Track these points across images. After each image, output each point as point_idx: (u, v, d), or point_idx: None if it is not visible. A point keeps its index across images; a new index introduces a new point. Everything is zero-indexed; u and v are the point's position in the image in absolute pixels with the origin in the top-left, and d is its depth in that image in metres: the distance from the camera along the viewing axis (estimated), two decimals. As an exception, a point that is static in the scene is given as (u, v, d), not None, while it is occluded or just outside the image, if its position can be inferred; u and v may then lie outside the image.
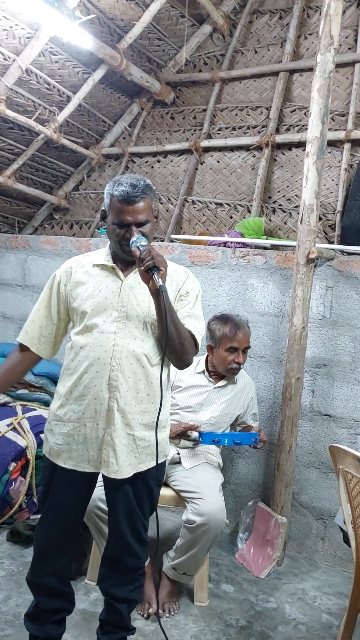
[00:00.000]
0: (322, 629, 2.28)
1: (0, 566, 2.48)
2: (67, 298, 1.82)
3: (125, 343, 1.72)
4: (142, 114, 4.01)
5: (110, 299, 1.74)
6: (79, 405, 1.73)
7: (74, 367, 1.75)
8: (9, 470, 2.76)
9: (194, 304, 1.84)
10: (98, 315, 1.73)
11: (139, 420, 1.74)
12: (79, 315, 1.77)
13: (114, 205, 1.70)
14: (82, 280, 1.80)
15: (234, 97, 3.77)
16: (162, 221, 3.83)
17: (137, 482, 1.78)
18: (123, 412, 1.72)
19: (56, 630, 1.94)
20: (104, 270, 1.80)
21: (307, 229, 2.61)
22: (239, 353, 2.51)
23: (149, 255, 1.60)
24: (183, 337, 1.74)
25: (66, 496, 1.81)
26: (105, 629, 1.95)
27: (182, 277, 1.84)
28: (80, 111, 3.67)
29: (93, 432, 1.73)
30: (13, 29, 2.90)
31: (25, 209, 4.18)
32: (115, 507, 1.82)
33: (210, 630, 2.20)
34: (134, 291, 1.76)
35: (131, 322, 1.73)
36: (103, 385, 1.71)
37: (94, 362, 1.71)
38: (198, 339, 1.81)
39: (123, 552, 1.85)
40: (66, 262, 1.89)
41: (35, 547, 1.90)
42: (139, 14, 3.24)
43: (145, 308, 1.75)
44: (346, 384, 2.78)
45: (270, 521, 2.74)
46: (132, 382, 1.73)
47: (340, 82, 3.33)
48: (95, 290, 1.76)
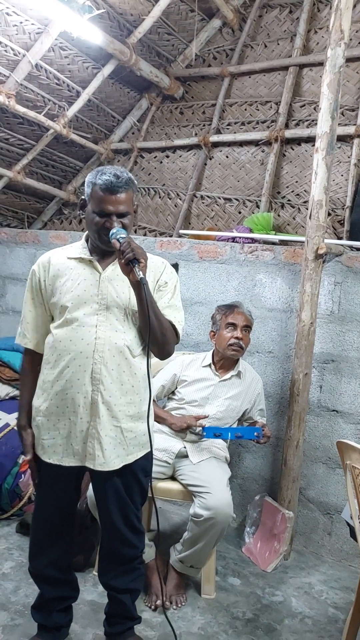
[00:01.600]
0: (328, 622, 2.30)
1: (9, 557, 2.52)
2: (47, 292, 1.81)
3: (107, 335, 1.71)
4: (151, 109, 4.01)
5: (90, 291, 1.74)
6: (61, 399, 1.74)
7: (54, 360, 1.75)
8: (18, 462, 2.79)
9: (173, 294, 1.85)
10: (78, 309, 1.73)
11: (125, 412, 1.75)
12: (58, 309, 1.77)
13: (96, 194, 1.69)
14: (60, 274, 1.79)
15: (243, 91, 3.76)
16: (170, 216, 3.84)
17: (126, 474, 1.79)
18: (108, 404, 1.72)
19: (63, 619, 1.97)
20: (82, 263, 1.79)
21: (316, 224, 2.61)
22: (238, 330, 2.54)
23: (129, 248, 1.60)
24: (164, 328, 1.75)
25: (55, 490, 1.83)
26: (111, 621, 1.97)
27: (159, 268, 1.84)
28: (89, 106, 3.67)
29: (77, 425, 1.73)
30: (23, 24, 2.91)
31: (34, 204, 4.20)
32: (105, 500, 1.83)
33: (217, 623, 2.22)
34: (112, 283, 1.75)
35: (112, 314, 1.73)
36: (86, 379, 1.71)
37: (76, 355, 1.71)
38: (179, 329, 1.82)
39: (119, 544, 1.87)
40: (42, 256, 1.88)
41: (30, 539, 1.94)
42: (149, 9, 3.24)
43: (125, 299, 1.75)
44: (354, 380, 2.78)
45: (277, 515, 2.75)
46: (116, 375, 1.73)
47: (350, 77, 3.30)
48: (74, 284, 1.75)
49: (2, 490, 2.77)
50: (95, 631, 2.08)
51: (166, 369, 2.69)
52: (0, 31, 2.90)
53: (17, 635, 2.01)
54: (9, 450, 2.82)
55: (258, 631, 2.20)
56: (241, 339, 2.54)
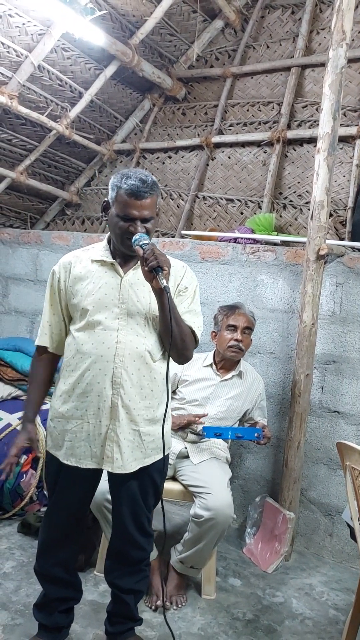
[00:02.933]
0: (328, 624, 2.29)
1: (11, 557, 2.52)
2: (67, 294, 1.81)
3: (128, 340, 1.72)
4: (154, 110, 4.02)
5: (111, 295, 1.74)
6: (81, 402, 1.74)
7: (76, 364, 1.75)
8: (20, 462, 2.80)
9: (193, 299, 1.84)
10: (99, 312, 1.73)
11: (144, 416, 1.76)
12: (79, 311, 1.76)
13: (121, 198, 1.68)
14: (81, 276, 1.78)
15: (246, 92, 3.76)
16: (172, 217, 3.84)
17: (142, 476, 1.80)
18: (127, 408, 1.73)
19: (64, 619, 1.97)
20: (103, 266, 1.78)
21: (318, 225, 2.61)
22: (239, 332, 2.54)
23: (153, 255, 1.59)
24: (184, 334, 1.75)
25: (71, 492, 1.83)
26: (113, 620, 1.98)
27: (180, 272, 1.83)
28: (91, 107, 3.68)
29: (96, 428, 1.73)
30: (25, 25, 2.92)
31: (37, 205, 4.21)
32: (119, 502, 1.84)
33: (217, 623, 2.22)
34: (133, 287, 1.75)
35: (133, 318, 1.73)
36: (106, 383, 1.71)
37: (97, 359, 1.71)
38: (198, 335, 1.82)
39: (128, 545, 1.88)
40: (64, 257, 1.87)
41: (40, 539, 1.94)
42: (151, 10, 3.24)
43: (145, 304, 1.75)
44: (355, 381, 2.78)
45: (278, 516, 2.75)
46: (136, 379, 1.73)
47: (352, 78, 3.30)
48: (95, 287, 1.75)
49: (4, 490, 2.78)
50: (96, 631, 2.08)
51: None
52: (3, 32, 2.91)
53: (17, 635, 2.02)
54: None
55: (258, 632, 2.20)
56: (241, 341, 2.55)
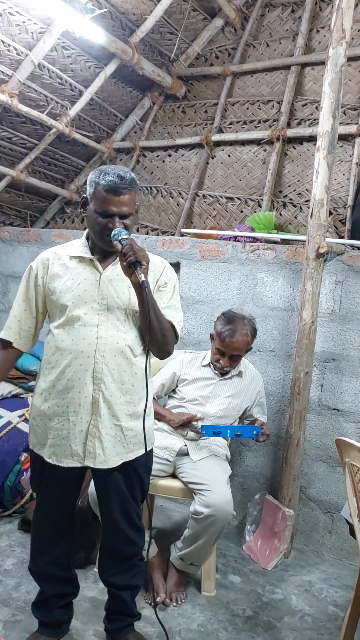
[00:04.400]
0: (327, 620, 2.30)
1: (11, 554, 2.53)
2: (45, 291, 1.80)
3: (109, 335, 1.72)
4: (154, 108, 4.02)
5: (90, 291, 1.74)
6: (62, 399, 1.74)
7: (56, 360, 1.75)
8: (20, 460, 2.81)
9: (172, 295, 1.85)
10: (79, 308, 1.73)
11: (125, 411, 1.76)
12: (58, 308, 1.76)
13: (99, 194, 1.68)
14: (60, 273, 1.78)
15: (246, 90, 3.76)
16: (172, 215, 3.85)
17: (127, 471, 1.80)
18: (109, 403, 1.73)
19: (64, 615, 1.99)
20: (82, 262, 1.79)
21: (317, 223, 2.61)
22: (226, 358, 2.52)
23: (131, 250, 1.59)
24: (165, 329, 1.76)
25: (55, 490, 1.84)
26: (111, 617, 1.99)
27: (159, 268, 1.84)
28: (92, 105, 3.68)
29: (77, 425, 1.73)
30: (26, 24, 2.92)
31: (37, 203, 4.21)
32: (107, 497, 1.84)
33: (217, 620, 2.23)
34: (113, 283, 1.76)
35: (113, 314, 1.74)
36: (87, 378, 1.71)
37: (78, 355, 1.71)
38: (178, 330, 1.83)
39: (119, 541, 1.88)
40: (42, 253, 1.87)
41: (32, 538, 1.95)
42: (151, 8, 3.24)
43: (125, 300, 1.75)
44: (355, 379, 2.78)
45: (277, 514, 2.76)
46: (117, 374, 1.73)
47: (352, 76, 3.30)
48: (74, 283, 1.75)
49: (4, 488, 2.79)
50: (96, 627, 2.09)
51: (166, 368, 2.70)
52: (3, 31, 2.91)
53: (18, 631, 2.03)
54: (10, 447, 2.83)
55: (258, 628, 2.21)
56: (227, 366, 2.53)
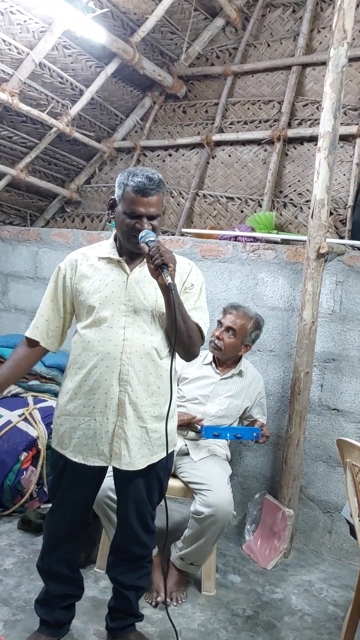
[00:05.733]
0: (327, 620, 2.31)
1: (11, 553, 2.53)
2: (73, 291, 1.81)
3: (135, 337, 1.72)
4: (154, 108, 4.02)
5: (117, 292, 1.74)
6: (88, 399, 1.75)
7: (82, 361, 1.75)
8: (20, 459, 2.81)
9: (199, 296, 1.85)
10: (106, 309, 1.73)
11: (150, 413, 1.76)
12: (85, 309, 1.77)
13: (127, 195, 1.69)
14: (88, 274, 1.79)
15: (246, 90, 3.77)
16: (173, 215, 3.85)
17: (149, 474, 1.81)
18: (135, 405, 1.74)
19: (66, 616, 1.98)
20: (110, 263, 1.79)
21: (318, 223, 2.61)
22: (220, 330, 2.56)
23: (158, 253, 1.60)
24: (191, 330, 1.75)
25: (77, 489, 1.84)
26: (114, 615, 1.99)
27: (186, 270, 1.84)
28: (92, 105, 3.68)
29: (103, 426, 1.74)
30: (27, 23, 2.92)
31: (37, 202, 4.21)
32: (125, 498, 1.85)
33: (217, 619, 2.23)
34: (140, 285, 1.76)
35: (139, 316, 1.74)
36: (114, 380, 1.72)
37: (104, 356, 1.72)
38: (204, 331, 1.82)
39: (131, 541, 1.89)
40: (70, 254, 1.88)
41: (45, 536, 1.94)
42: (152, 8, 3.24)
43: (152, 302, 1.75)
44: (355, 379, 2.79)
45: (277, 513, 2.76)
46: (143, 376, 1.74)
47: (353, 77, 3.31)
48: (102, 284, 1.76)
49: (4, 487, 2.78)
50: (96, 627, 2.09)
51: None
52: (4, 30, 2.91)
53: (18, 631, 2.03)
54: (10, 447, 2.83)
55: (258, 628, 2.21)
56: (218, 338, 2.56)
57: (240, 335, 2.55)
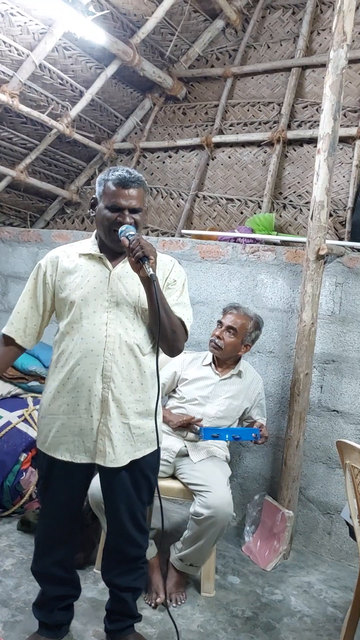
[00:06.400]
0: (327, 621, 2.31)
1: (11, 554, 2.53)
2: (54, 289, 1.80)
3: (117, 333, 1.72)
4: (154, 109, 4.03)
5: (99, 288, 1.74)
6: (72, 397, 1.74)
7: (65, 359, 1.75)
8: (20, 460, 2.81)
9: (182, 292, 1.85)
10: (88, 306, 1.73)
11: (134, 409, 1.76)
12: (67, 305, 1.76)
13: (108, 189, 1.71)
14: (69, 270, 1.79)
15: (246, 92, 3.77)
16: (172, 216, 3.85)
17: (134, 471, 1.80)
18: (118, 401, 1.73)
19: (64, 617, 1.98)
20: (91, 260, 1.79)
21: (318, 225, 2.62)
22: (220, 329, 2.57)
23: (139, 245, 1.60)
24: (174, 325, 1.76)
25: (65, 488, 1.83)
26: (112, 618, 1.98)
27: (168, 266, 1.84)
28: (92, 106, 3.69)
29: (88, 423, 1.73)
30: (27, 24, 2.93)
31: (37, 203, 4.21)
32: (113, 497, 1.83)
33: (216, 621, 2.23)
34: (122, 281, 1.76)
35: (122, 312, 1.74)
36: (97, 377, 1.71)
37: (87, 353, 1.71)
38: (187, 326, 1.82)
39: (124, 542, 1.88)
40: (51, 252, 1.87)
41: (37, 539, 1.93)
42: (152, 9, 3.25)
43: (135, 297, 1.75)
44: (354, 380, 2.79)
45: (277, 515, 2.76)
46: (126, 372, 1.74)
47: (352, 79, 3.32)
48: (84, 280, 1.75)
49: (4, 488, 2.78)
50: (96, 628, 2.09)
51: (167, 367, 2.70)
52: (5, 31, 2.91)
53: (17, 632, 2.03)
54: (10, 448, 2.83)
55: (257, 629, 2.21)
56: (219, 338, 2.57)
57: (241, 334, 2.56)
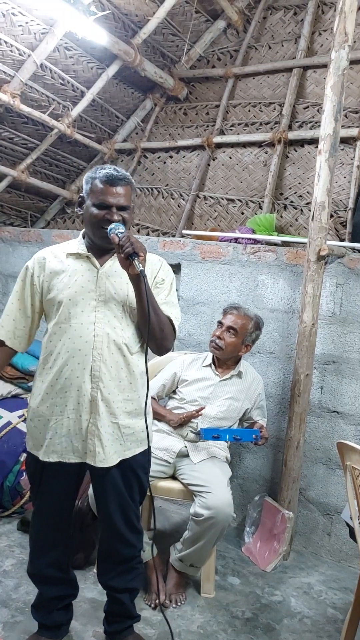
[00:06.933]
0: (327, 622, 2.31)
1: (11, 554, 2.53)
2: (42, 290, 1.80)
3: (105, 332, 1.72)
4: (155, 110, 4.02)
5: (87, 287, 1.74)
6: (60, 398, 1.73)
7: (53, 360, 1.74)
8: (20, 460, 2.81)
9: (169, 292, 1.85)
10: (76, 305, 1.72)
11: (123, 409, 1.76)
12: (55, 305, 1.76)
13: (96, 187, 1.71)
14: (57, 270, 1.78)
15: (247, 93, 3.77)
16: (173, 216, 3.85)
17: (125, 471, 1.80)
18: (107, 401, 1.73)
19: (64, 617, 1.98)
20: (79, 259, 1.79)
21: (318, 226, 2.62)
22: (221, 329, 2.57)
23: (129, 242, 1.60)
24: (163, 323, 1.75)
25: (55, 490, 1.82)
26: (111, 619, 1.98)
27: (156, 265, 1.85)
28: (93, 106, 3.68)
29: (76, 423, 1.73)
30: (28, 24, 2.92)
31: (38, 203, 4.21)
32: (105, 498, 1.83)
33: (216, 622, 2.23)
34: (110, 279, 1.76)
35: (110, 311, 1.73)
36: (85, 377, 1.71)
37: (75, 353, 1.71)
38: (176, 325, 1.83)
39: (118, 543, 1.87)
40: (38, 253, 1.87)
41: (31, 541, 1.93)
42: (154, 10, 3.25)
43: (123, 296, 1.75)
44: (355, 381, 2.79)
45: (277, 516, 2.76)
46: (115, 372, 1.73)
47: (354, 79, 3.31)
48: (71, 280, 1.75)
49: (4, 488, 2.78)
50: (95, 629, 2.09)
51: (167, 368, 2.70)
52: (6, 31, 2.91)
53: (17, 632, 2.03)
54: (10, 448, 2.83)
55: (257, 630, 2.21)
56: (219, 338, 2.57)
57: (241, 334, 2.56)
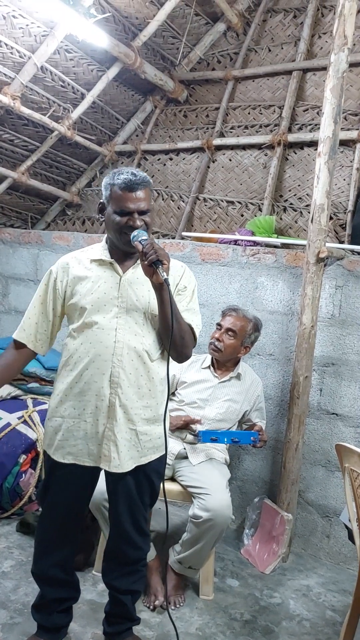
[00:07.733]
0: (325, 625, 2.30)
1: (10, 556, 2.53)
2: (65, 294, 1.81)
3: (126, 339, 1.72)
4: (155, 112, 4.03)
5: (109, 294, 1.74)
6: (79, 401, 1.74)
7: (74, 363, 1.75)
8: (19, 462, 2.81)
9: (191, 298, 1.85)
10: (98, 311, 1.73)
11: (141, 416, 1.76)
12: (77, 311, 1.77)
13: (115, 194, 1.70)
14: (80, 276, 1.79)
15: (247, 95, 3.78)
16: (173, 218, 3.85)
17: (139, 475, 1.80)
18: (125, 407, 1.73)
19: (63, 619, 1.98)
20: (102, 265, 1.79)
21: (318, 228, 2.62)
22: (220, 332, 2.58)
23: (152, 249, 1.60)
24: (184, 331, 1.75)
25: (67, 491, 1.83)
26: (111, 620, 1.98)
27: (179, 272, 1.84)
28: (94, 108, 3.69)
29: (93, 427, 1.74)
30: (29, 27, 2.93)
31: (38, 205, 4.22)
32: (116, 500, 1.84)
33: (215, 624, 2.23)
34: (133, 286, 1.76)
35: (131, 317, 1.74)
36: (104, 382, 1.72)
37: (95, 358, 1.72)
38: (196, 333, 1.82)
39: (124, 544, 1.88)
40: (62, 258, 1.88)
41: (37, 541, 1.92)
42: (154, 12, 3.26)
43: (145, 303, 1.75)
44: (354, 383, 2.79)
45: (276, 518, 2.76)
46: (134, 378, 1.74)
47: (353, 82, 3.32)
48: (94, 286, 1.76)
49: (3, 489, 2.78)
50: (94, 630, 2.09)
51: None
52: (6, 33, 2.92)
53: (16, 634, 2.03)
54: (9, 449, 2.83)
55: (256, 633, 2.21)
56: (218, 340, 2.57)
57: (240, 336, 2.56)
